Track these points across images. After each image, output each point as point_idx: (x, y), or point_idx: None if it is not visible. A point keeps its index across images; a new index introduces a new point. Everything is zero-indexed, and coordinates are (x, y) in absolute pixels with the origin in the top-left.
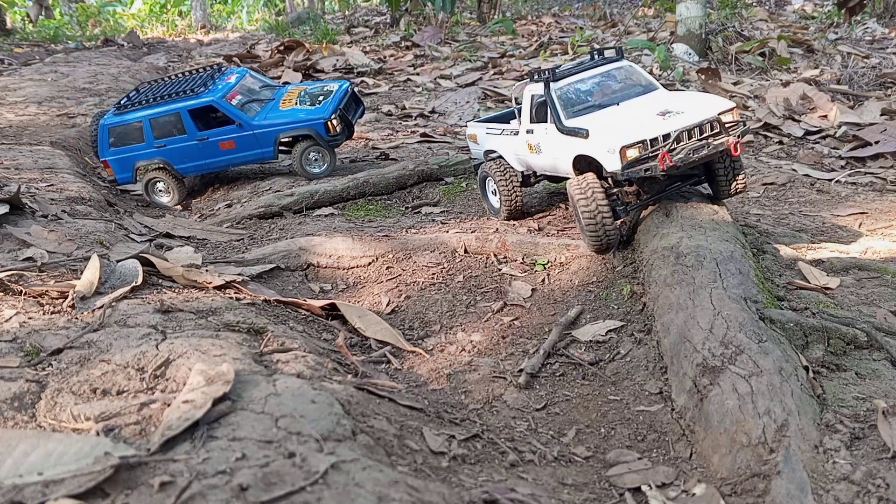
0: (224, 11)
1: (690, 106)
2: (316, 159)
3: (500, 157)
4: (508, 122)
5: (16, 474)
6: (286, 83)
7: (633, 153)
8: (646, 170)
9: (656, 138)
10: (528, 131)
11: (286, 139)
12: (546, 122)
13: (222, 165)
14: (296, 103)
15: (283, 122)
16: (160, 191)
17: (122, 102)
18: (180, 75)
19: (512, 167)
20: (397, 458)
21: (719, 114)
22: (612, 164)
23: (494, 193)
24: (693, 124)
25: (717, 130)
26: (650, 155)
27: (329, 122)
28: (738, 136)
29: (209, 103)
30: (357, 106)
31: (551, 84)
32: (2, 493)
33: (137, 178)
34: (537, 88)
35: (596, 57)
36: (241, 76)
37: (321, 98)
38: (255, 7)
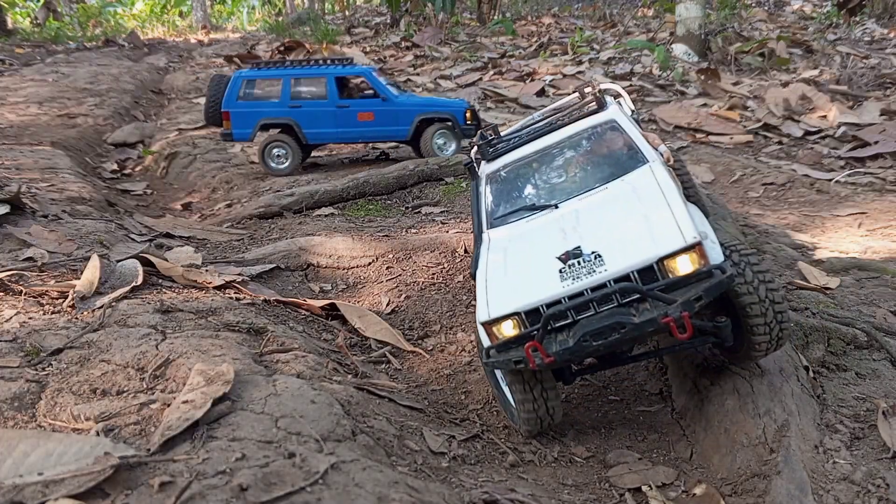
0: (224, 12)
1: (614, 239)
2: (444, 143)
3: None
4: None
5: (16, 474)
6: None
7: (507, 330)
8: (516, 362)
9: (534, 310)
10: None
11: (423, 119)
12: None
13: (352, 138)
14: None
15: (426, 104)
16: (277, 156)
17: (259, 63)
18: (307, 62)
19: None
20: (397, 459)
21: (662, 258)
22: (484, 344)
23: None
24: (600, 282)
25: (654, 294)
26: (527, 335)
27: (468, 111)
28: (691, 305)
29: (361, 73)
30: (475, 119)
31: (482, 164)
32: (2, 493)
33: (254, 137)
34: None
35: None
36: (373, 69)
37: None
38: (256, 7)
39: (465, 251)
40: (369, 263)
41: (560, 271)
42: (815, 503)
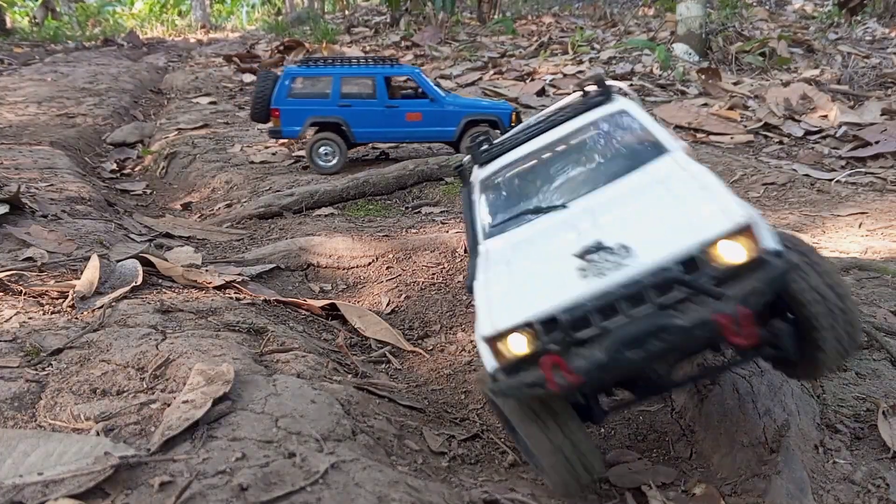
0: (224, 11)
1: (643, 230)
2: None
3: None
4: None
5: (16, 474)
6: None
7: (517, 346)
8: (530, 385)
9: (552, 318)
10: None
11: (469, 120)
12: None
13: (400, 137)
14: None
15: (473, 105)
16: (325, 154)
17: (308, 61)
18: (356, 60)
19: None
20: (397, 458)
21: (706, 245)
22: (488, 365)
23: None
24: (632, 278)
25: (700, 285)
26: (543, 351)
27: (514, 114)
28: (751, 300)
29: (408, 74)
30: (518, 122)
31: (474, 170)
32: (2, 492)
33: (302, 135)
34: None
35: (575, 96)
36: (420, 69)
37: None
38: (255, 7)
39: (465, 251)
40: (369, 263)
41: (580, 269)
42: (815, 503)
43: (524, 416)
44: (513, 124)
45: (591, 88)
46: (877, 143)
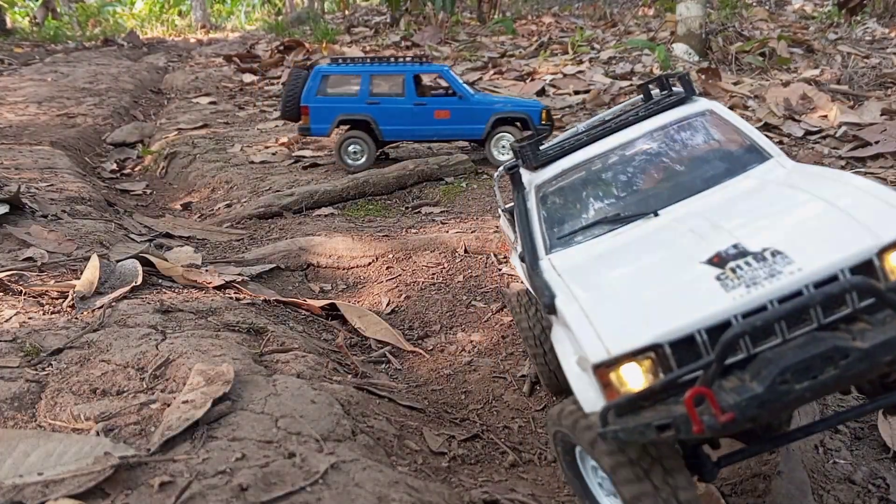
0: (224, 11)
1: (795, 233)
2: (504, 146)
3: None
4: None
5: (16, 474)
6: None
7: (634, 377)
8: (661, 427)
9: (688, 337)
10: (521, 256)
11: (498, 118)
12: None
13: (428, 135)
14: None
15: (502, 103)
16: (353, 152)
17: (337, 59)
18: (380, 59)
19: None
20: (397, 459)
21: (885, 249)
22: (588, 400)
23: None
24: (794, 288)
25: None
26: (674, 382)
27: (544, 112)
28: None
29: (439, 71)
30: (549, 120)
31: (525, 174)
32: (2, 492)
33: (331, 133)
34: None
35: (647, 95)
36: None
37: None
38: (255, 7)
39: (465, 251)
40: (369, 263)
41: (719, 278)
42: (815, 503)
43: (632, 473)
44: (543, 123)
45: (656, 90)
46: (876, 143)
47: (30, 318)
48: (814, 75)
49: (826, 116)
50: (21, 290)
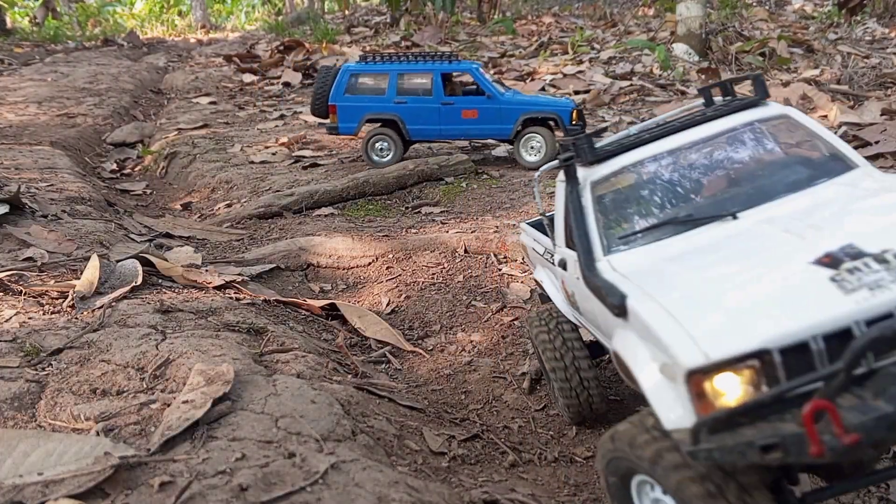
0: (224, 11)
1: None
2: (533, 146)
3: (550, 299)
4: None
5: (16, 474)
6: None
7: (733, 388)
8: (765, 448)
9: (801, 344)
10: (561, 263)
11: (527, 118)
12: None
13: (455, 135)
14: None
15: (531, 102)
16: (380, 150)
17: (366, 56)
18: (414, 55)
19: (566, 320)
20: (397, 459)
21: None
22: (671, 414)
23: None
24: None
25: None
26: (782, 396)
27: (575, 111)
28: None
29: (467, 70)
30: (580, 118)
31: (580, 171)
32: (2, 492)
33: (358, 131)
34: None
35: (712, 98)
36: (480, 65)
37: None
38: (255, 7)
39: (465, 251)
40: (369, 263)
41: (834, 280)
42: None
43: (703, 489)
44: (574, 123)
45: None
46: (876, 143)
47: (30, 318)
48: (814, 75)
49: (826, 116)
50: (21, 290)
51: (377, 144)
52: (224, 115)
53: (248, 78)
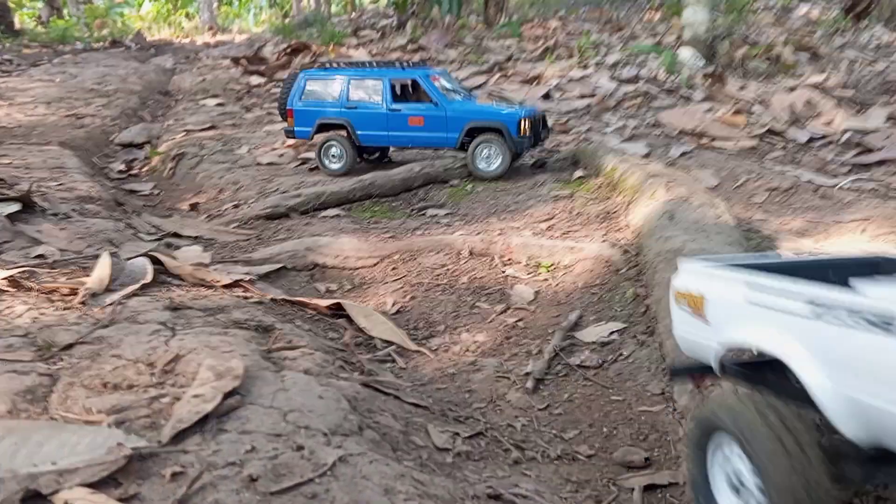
0: (231, 13)
1: None
2: (488, 156)
3: (781, 378)
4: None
5: (31, 464)
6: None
7: None
8: None
9: None
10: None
11: (473, 127)
12: None
13: (402, 142)
14: (491, 103)
15: (477, 111)
16: (332, 156)
17: (326, 63)
18: (383, 63)
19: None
20: (403, 453)
21: None
22: None
23: None
24: None
25: None
26: None
27: (522, 121)
28: None
29: (413, 77)
30: (544, 129)
31: None
32: (18, 481)
33: (313, 137)
34: None
35: None
36: (443, 72)
37: (515, 106)
38: (262, 9)
39: (470, 253)
40: (375, 264)
41: None
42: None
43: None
44: (522, 135)
45: None
46: (881, 149)
47: (42, 314)
48: (819, 81)
49: (831, 122)
50: (33, 287)
51: (331, 150)
52: (231, 117)
53: (255, 80)
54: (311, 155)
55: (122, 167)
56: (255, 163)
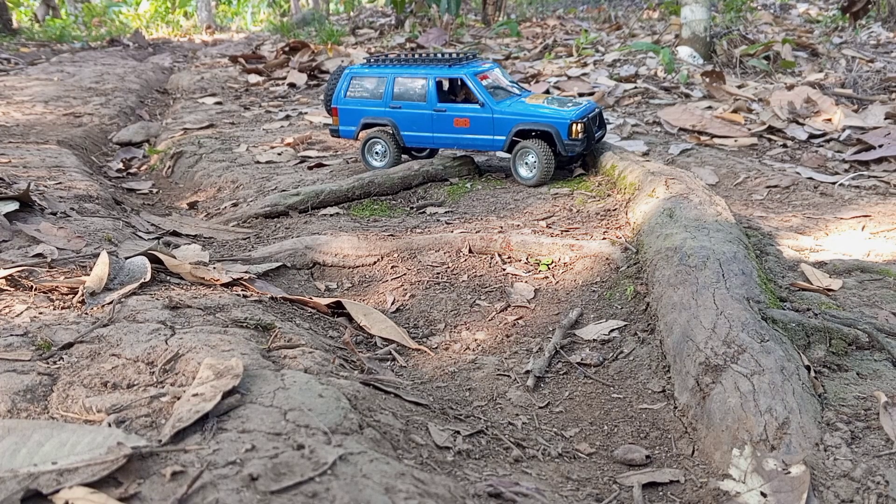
0: (229, 12)
1: None
2: (527, 163)
3: None
4: None
5: (31, 463)
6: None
7: None
8: None
9: None
10: None
11: (523, 129)
12: None
13: (447, 144)
14: (543, 102)
15: (525, 113)
16: (376, 153)
17: (371, 59)
18: (432, 54)
19: None
20: (403, 452)
21: None
22: None
23: None
24: None
25: None
26: None
27: (573, 125)
28: None
29: (459, 76)
30: (600, 129)
31: None
32: (18, 480)
33: (358, 135)
34: None
35: None
36: (492, 67)
37: (569, 105)
38: (260, 8)
39: (470, 251)
40: (374, 262)
41: None
42: (815, 498)
43: None
44: (573, 138)
45: None
46: (880, 146)
47: (40, 313)
48: (818, 79)
49: (830, 120)
50: (31, 286)
51: (375, 147)
52: (230, 116)
53: (253, 78)
54: (311, 153)
55: (121, 166)
56: (254, 161)
